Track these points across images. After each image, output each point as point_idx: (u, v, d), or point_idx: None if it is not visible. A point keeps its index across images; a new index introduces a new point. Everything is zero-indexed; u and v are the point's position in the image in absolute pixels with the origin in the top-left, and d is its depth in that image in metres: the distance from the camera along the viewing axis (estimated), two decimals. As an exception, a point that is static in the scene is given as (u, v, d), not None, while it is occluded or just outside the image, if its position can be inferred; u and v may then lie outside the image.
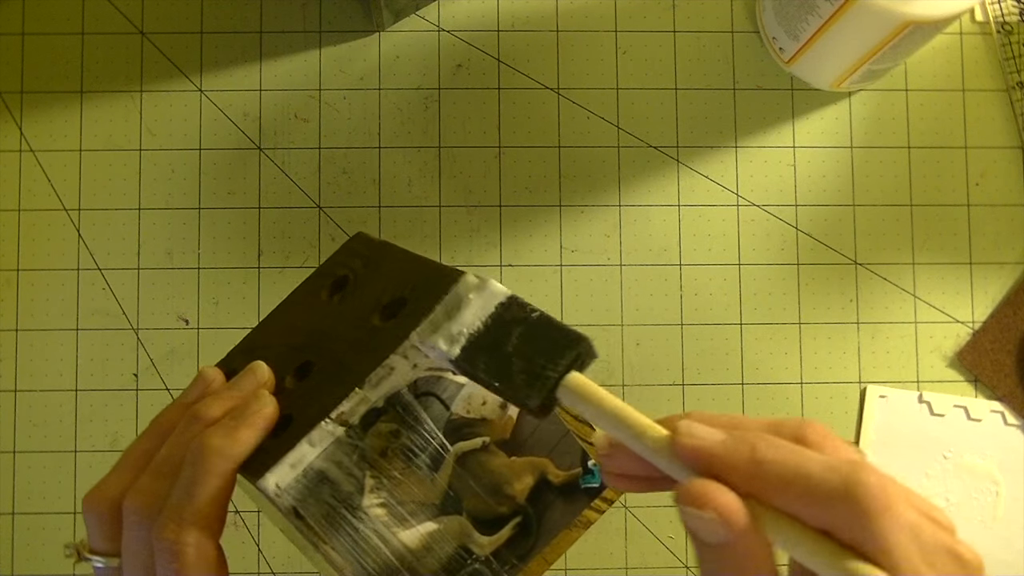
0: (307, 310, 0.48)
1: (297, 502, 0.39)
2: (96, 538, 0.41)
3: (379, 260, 0.47)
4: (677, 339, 0.67)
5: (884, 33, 0.59)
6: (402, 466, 0.41)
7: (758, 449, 0.32)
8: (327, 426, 0.38)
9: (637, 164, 0.68)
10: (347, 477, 0.40)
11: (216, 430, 0.40)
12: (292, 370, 0.43)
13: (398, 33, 0.68)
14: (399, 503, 0.41)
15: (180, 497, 0.39)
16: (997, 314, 0.67)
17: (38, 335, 0.66)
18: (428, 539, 0.42)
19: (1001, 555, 0.66)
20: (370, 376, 0.38)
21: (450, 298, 0.38)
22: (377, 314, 0.42)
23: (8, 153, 0.67)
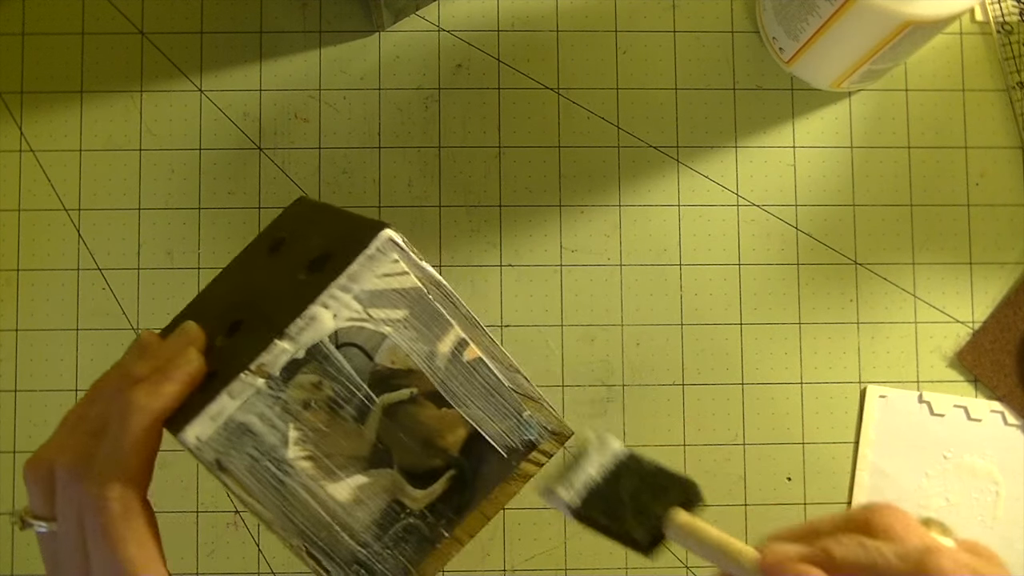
0: (246, 272, 0.48)
1: (219, 455, 0.39)
2: (36, 503, 0.41)
3: (314, 220, 0.47)
4: (677, 339, 0.67)
5: (884, 33, 0.59)
6: (327, 418, 0.41)
7: (832, 552, 0.35)
8: (247, 378, 0.38)
9: (637, 164, 0.68)
10: (270, 429, 0.40)
11: (141, 386, 0.40)
12: (225, 328, 0.43)
13: (398, 33, 0.68)
14: (326, 456, 0.41)
15: (105, 452, 0.39)
16: (997, 314, 0.67)
17: (38, 335, 0.66)
18: (358, 492, 0.42)
19: (1001, 555, 0.66)
20: (290, 326, 0.39)
21: (576, 454, 0.42)
22: (304, 269, 0.42)
23: (8, 153, 0.67)
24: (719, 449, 0.66)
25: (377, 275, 0.40)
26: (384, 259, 0.40)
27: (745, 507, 0.66)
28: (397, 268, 0.40)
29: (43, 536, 0.42)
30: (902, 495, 0.66)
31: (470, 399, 0.43)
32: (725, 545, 0.39)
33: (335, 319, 0.39)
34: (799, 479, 0.66)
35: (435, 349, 0.42)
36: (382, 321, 0.40)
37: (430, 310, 0.41)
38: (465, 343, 0.42)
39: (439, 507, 0.44)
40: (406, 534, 0.43)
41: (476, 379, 0.43)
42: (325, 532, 0.41)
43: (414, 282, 0.41)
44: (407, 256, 0.40)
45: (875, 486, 0.66)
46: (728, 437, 0.67)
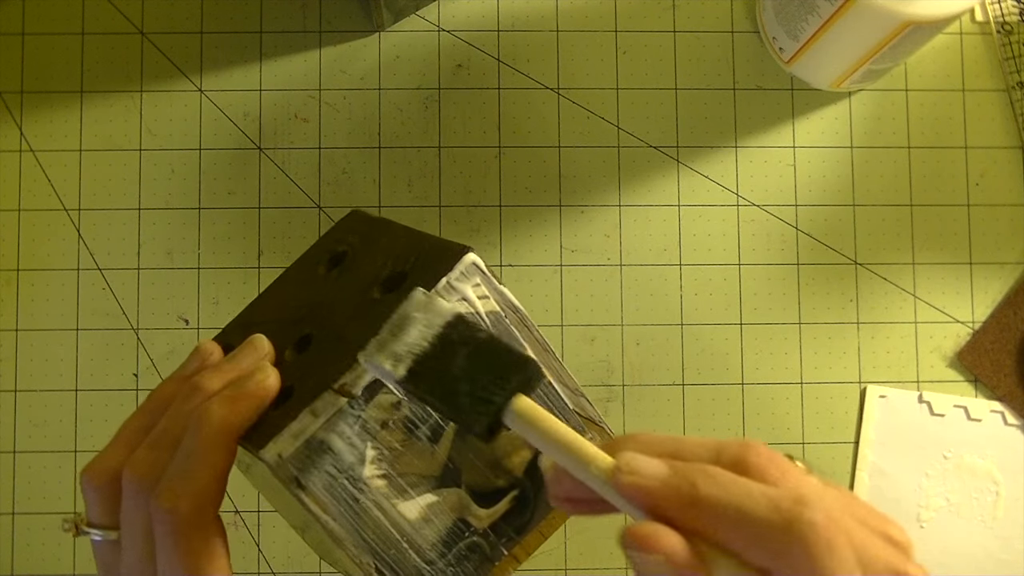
0: (304, 285, 0.47)
1: (299, 472, 0.39)
2: (94, 511, 0.41)
3: (377, 236, 0.47)
4: (677, 339, 0.67)
5: (884, 33, 0.59)
6: (403, 438, 0.41)
7: (698, 486, 0.31)
8: (330, 397, 0.38)
9: (637, 164, 0.68)
10: (349, 448, 0.40)
11: (217, 400, 0.39)
12: (291, 344, 0.43)
13: (398, 33, 0.68)
14: (399, 475, 0.41)
15: (180, 466, 0.39)
16: (997, 314, 0.67)
17: (38, 335, 0.66)
18: (427, 511, 0.42)
19: (1001, 555, 0.66)
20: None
21: (396, 316, 0.37)
22: (377, 287, 0.42)
23: (8, 153, 0.67)
24: (719, 449, 0.66)
25: (458, 298, 0.39)
26: (467, 283, 0.40)
27: (745, 507, 0.66)
28: (479, 292, 0.40)
29: (99, 545, 0.41)
30: (902, 495, 0.66)
31: None
32: (573, 444, 0.34)
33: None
34: (799, 479, 0.66)
35: None
36: None
37: (506, 334, 0.41)
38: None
39: (501, 526, 0.44)
40: (469, 552, 0.43)
41: (544, 401, 0.43)
42: (394, 550, 0.41)
43: (493, 306, 0.40)
44: (488, 280, 0.40)
45: (875, 486, 0.66)
46: (728, 437, 0.67)
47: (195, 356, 0.44)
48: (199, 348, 0.44)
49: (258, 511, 0.65)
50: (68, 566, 0.65)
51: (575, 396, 0.44)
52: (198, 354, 0.44)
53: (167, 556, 0.38)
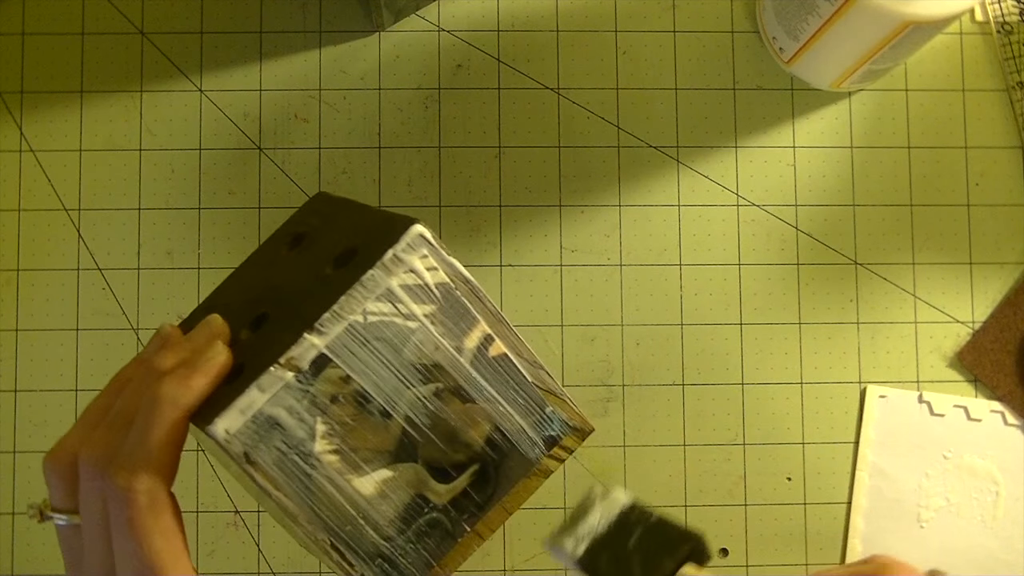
0: (266, 267, 0.48)
1: (248, 448, 0.39)
2: (56, 496, 0.41)
3: (336, 215, 0.47)
4: (677, 339, 0.67)
5: (884, 33, 0.59)
6: (354, 412, 0.41)
7: None
8: (276, 371, 0.38)
9: (637, 164, 0.68)
10: (298, 423, 0.40)
11: (168, 379, 0.40)
12: (247, 323, 0.43)
13: (398, 33, 0.68)
14: (352, 450, 0.41)
15: (132, 444, 0.39)
16: (997, 314, 0.67)
17: (38, 335, 0.66)
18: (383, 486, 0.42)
19: (1001, 555, 0.66)
20: (319, 320, 0.39)
21: (578, 507, 0.41)
22: (330, 264, 0.42)
23: (8, 153, 0.67)
24: (719, 449, 0.66)
25: (405, 270, 0.40)
26: (414, 254, 0.40)
27: (745, 507, 0.66)
28: (426, 263, 0.40)
29: (63, 529, 0.41)
30: (902, 495, 0.66)
31: (494, 394, 0.43)
32: None
33: (364, 314, 0.39)
34: (799, 479, 0.66)
35: (461, 344, 0.42)
36: (410, 316, 0.40)
37: (457, 306, 0.41)
38: (491, 339, 0.43)
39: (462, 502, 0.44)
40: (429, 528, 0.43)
41: (500, 374, 0.43)
42: (350, 526, 0.41)
43: (443, 278, 0.41)
44: (436, 252, 0.40)
45: (875, 486, 0.66)
46: (728, 437, 0.67)
47: (155, 339, 0.44)
48: (159, 331, 0.44)
49: (258, 511, 0.65)
50: (68, 566, 0.65)
51: (533, 368, 0.44)
52: (158, 337, 0.44)
53: (121, 534, 0.38)
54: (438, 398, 0.43)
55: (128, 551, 0.38)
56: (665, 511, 0.41)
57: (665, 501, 0.66)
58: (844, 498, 0.66)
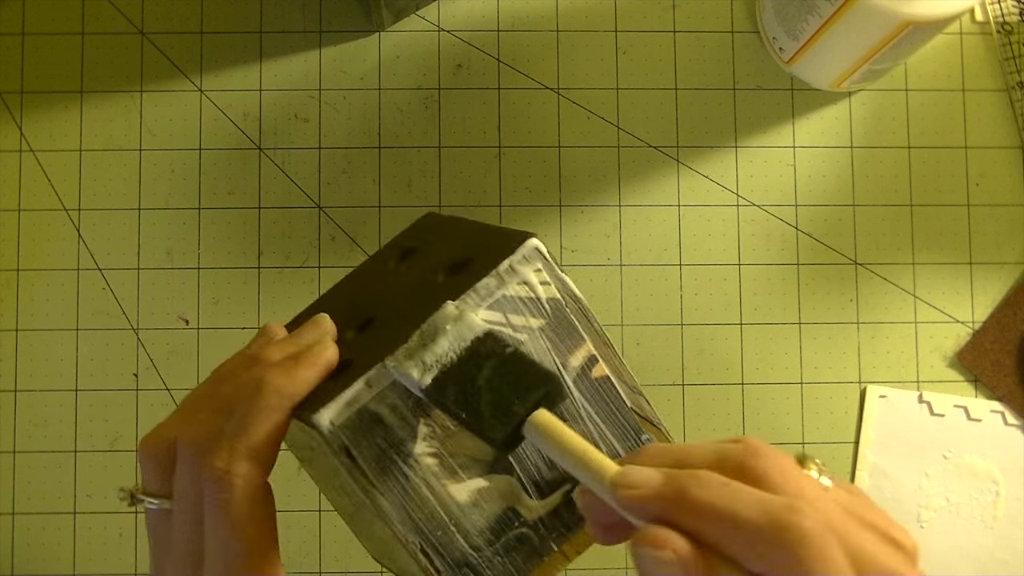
0: (373, 278, 0.49)
1: (350, 441, 0.39)
2: (150, 480, 0.41)
3: (447, 231, 0.48)
4: (677, 339, 0.67)
5: (884, 33, 0.59)
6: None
7: (688, 492, 0.31)
8: (385, 368, 0.39)
9: (637, 164, 0.68)
10: (401, 422, 0.40)
11: (275, 368, 0.40)
12: (355, 326, 0.44)
13: (398, 33, 0.68)
14: (450, 455, 0.41)
15: (234, 429, 0.39)
16: (997, 314, 0.67)
17: (38, 335, 0.66)
18: (477, 495, 0.42)
19: (1001, 555, 0.66)
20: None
21: (427, 327, 0.39)
22: (442, 272, 0.43)
23: (8, 153, 0.67)
24: (719, 449, 0.66)
25: (519, 282, 0.40)
26: (528, 267, 0.41)
27: (745, 507, 0.66)
28: (540, 277, 0.41)
29: (152, 514, 0.41)
30: (902, 495, 0.66)
31: (593, 416, 0.43)
32: (585, 456, 0.35)
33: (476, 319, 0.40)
34: (799, 479, 0.66)
35: (566, 362, 0.42)
36: (520, 328, 0.41)
37: (566, 323, 0.42)
38: (595, 360, 0.43)
39: (552, 520, 0.44)
40: (517, 543, 0.43)
41: (601, 397, 0.43)
42: (440, 531, 0.41)
43: (554, 293, 0.41)
44: (550, 267, 0.41)
45: (875, 486, 0.66)
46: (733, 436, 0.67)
47: (260, 335, 0.45)
48: (265, 328, 0.45)
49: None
50: (68, 566, 0.65)
51: (633, 394, 0.44)
52: (264, 333, 0.45)
53: (216, 518, 0.38)
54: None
55: (220, 536, 0.38)
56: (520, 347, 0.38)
57: (665, 501, 0.66)
58: (844, 498, 0.66)
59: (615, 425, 0.44)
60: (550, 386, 0.37)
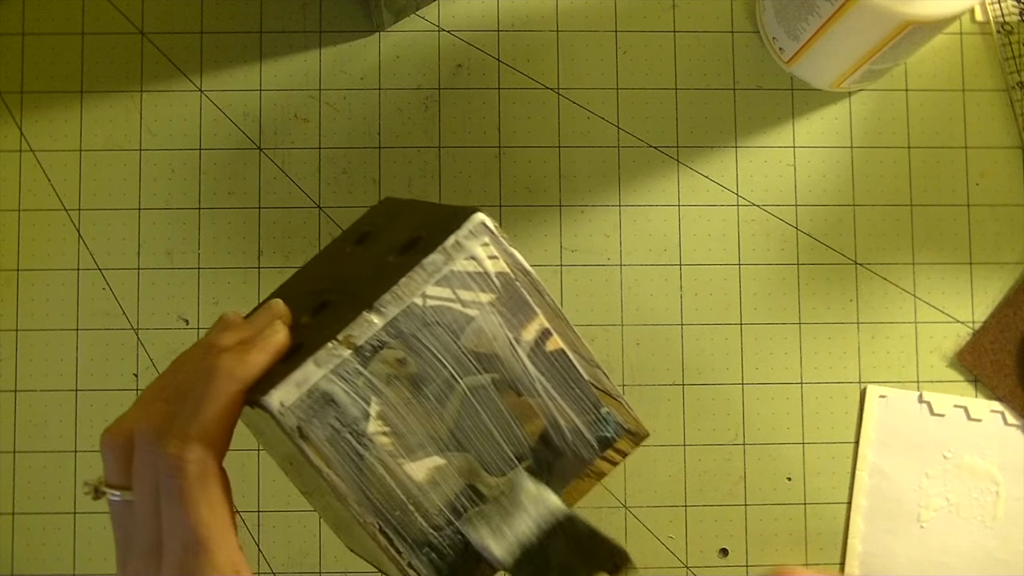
0: (330, 263, 0.49)
1: (302, 422, 0.39)
2: (112, 472, 0.41)
3: (401, 213, 0.48)
4: (677, 339, 0.67)
5: (884, 33, 0.59)
6: (408, 396, 0.41)
7: None
8: (333, 347, 0.39)
9: (637, 164, 0.68)
10: (353, 401, 0.40)
11: (227, 353, 0.41)
12: (309, 310, 0.44)
13: (398, 33, 0.68)
14: (405, 434, 0.41)
15: (186, 415, 0.39)
16: (997, 314, 0.67)
17: (38, 335, 0.66)
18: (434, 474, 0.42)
19: (1001, 555, 0.66)
20: (379, 300, 0.39)
21: (512, 495, 0.40)
22: (394, 253, 0.43)
23: (8, 153, 0.67)
24: (719, 449, 0.66)
25: (466, 256, 0.41)
26: (475, 241, 0.41)
27: (745, 507, 0.66)
28: (487, 252, 0.41)
29: (115, 506, 0.41)
30: (902, 495, 0.66)
31: (549, 389, 0.43)
32: None
33: (423, 297, 0.40)
34: (799, 479, 0.67)
35: (519, 336, 0.42)
36: (470, 303, 0.41)
37: (517, 297, 0.42)
38: (548, 333, 0.43)
39: None
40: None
41: (557, 370, 0.43)
42: (399, 511, 0.41)
43: (503, 267, 0.41)
44: (497, 241, 0.41)
45: (875, 486, 0.66)
46: (728, 437, 0.67)
47: (217, 323, 0.45)
48: (221, 316, 0.45)
49: (258, 511, 0.65)
50: (68, 566, 0.65)
51: (590, 367, 0.44)
52: (220, 321, 0.45)
53: (172, 505, 0.38)
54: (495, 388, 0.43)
55: (176, 521, 0.39)
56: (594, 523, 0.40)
57: (665, 501, 0.66)
58: (844, 498, 0.66)
59: (572, 399, 0.44)
60: (615, 556, 0.38)
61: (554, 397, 0.43)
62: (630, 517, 0.66)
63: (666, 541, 0.66)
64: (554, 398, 0.43)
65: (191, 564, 0.38)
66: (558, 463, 0.44)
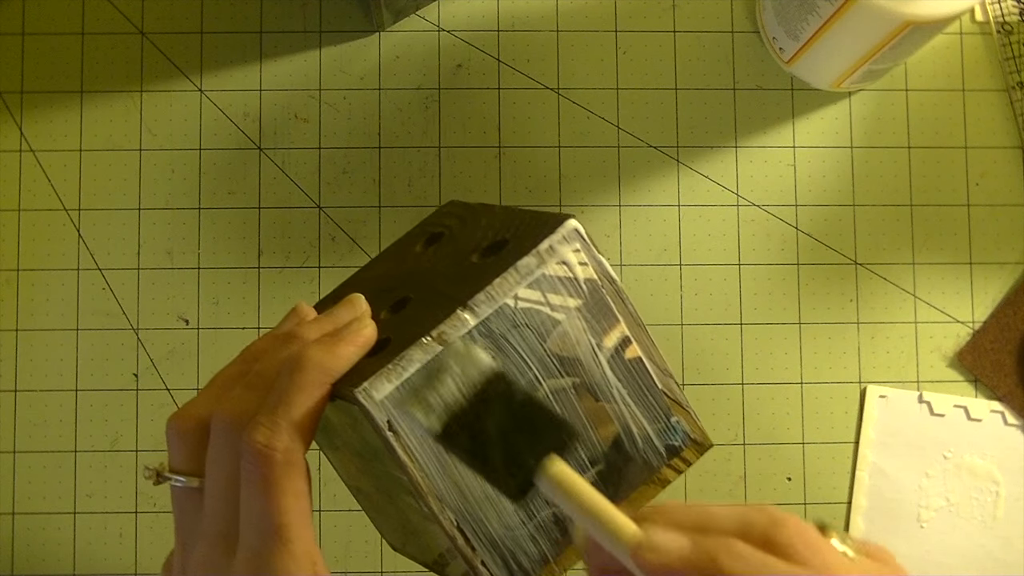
0: (400, 262, 0.50)
1: (392, 416, 0.39)
2: (177, 458, 0.41)
3: (477, 216, 0.49)
4: (677, 339, 0.67)
5: (884, 33, 0.59)
6: None
7: (721, 564, 0.31)
8: (428, 343, 0.39)
9: (637, 164, 0.68)
10: (438, 397, 0.40)
11: (316, 344, 0.40)
12: (387, 307, 0.44)
13: (398, 33, 0.68)
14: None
15: (275, 403, 0.39)
16: (997, 314, 0.67)
17: (38, 335, 0.66)
18: None
19: (1001, 555, 0.66)
20: (472, 300, 0.40)
21: (432, 362, 0.39)
22: (477, 254, 0.44)
23: (8, 153, 0.67)
24: (719, 449, 0.66)
25: (558, 261, 0.41)
26: (567, 247, 0.41)
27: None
28: (578, 258, 0.42)
29: (179, 492, 0.41)
30: (902, 495, 0.66)
31: (625, 396, 0.44)
32: (602, 514, 0.34)
33: (515, 299, 0.40)
34: (799, 479, 0.67)
35: (601, 342, 0.43)
36: (557, 307, 0.41)
37: (602, 303, 0.42)
38: (628, 341, 0.43)
39: None
40: (551, 524, 0.43)
41: (633, 378, 0.44)
42: (476, 509, 0.41)
43: (591, 274, 0.42)
44: (588, 248, 0.42)
45: (875, 486, 0.66)
46: (728, 437, 0.67)
47: (292, 315, 0.45)
48: (296, 308, 0.45)
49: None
50: (68, 566, 0.65)
51: (664, 376, 0.44)
52: (295, 313, 0.45)
53: (254, 492, 0.38)
54: (575, 392, 0.43)
55: (257, 510, 0.38)
56: (529, 390, 0.38)
57: (665, 501, 0.66)
58: (844, 498, 0.66)
59: (646, 407, 0.44)
60: (562, 433, 0.37)
61: (629, 404, 0.44)
62: None
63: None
64: (629, 405, 0.44)
65: (268, 554, 0.38)
66: (627, 469, 0.44)
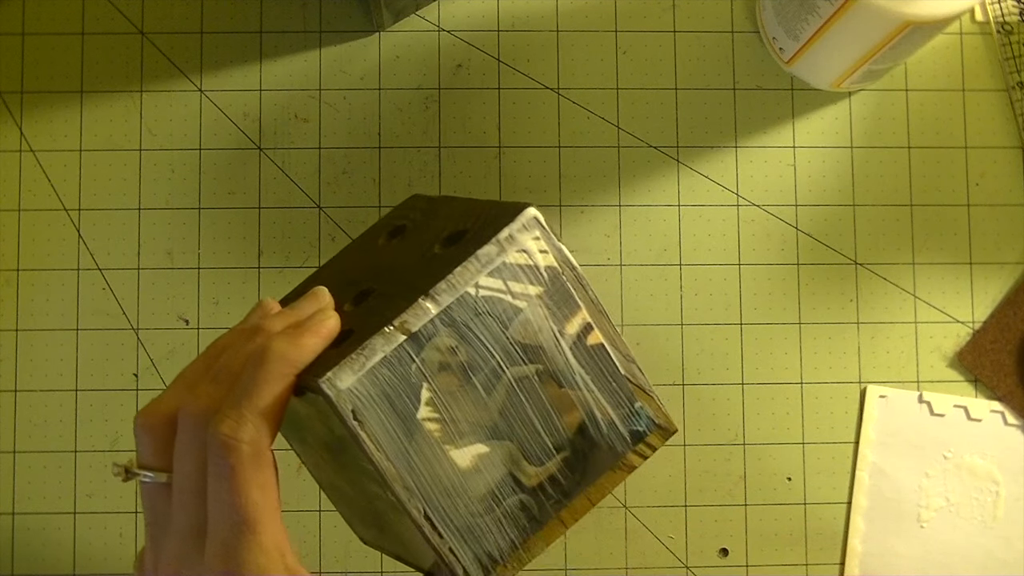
0: (363, 254, 0.50)
1: (356, 405, 0.40)
2: (146, 453, 0.41)
3: (438, 208, 0.49)
4: (677, 339, 0.67)
5: (884, 33, 0.59)
6: (459, 383, 0.42)
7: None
8: (390, 332, 0.40)
9: (637, 164, 0.68)
10: (404, 388, 0.41)
11: (279, 336, 0.41)
12: (350, 299, 0.45)
13: (398, 33, 0.68)
14: (453, 420, 0.42)
15: (240, 395, 0.39)
16: (997, 314, 0.67)
17: (38, 335, 0.66)
18: (478, 461, 0.42)
19: (1001, 555, 0.66)
20: (434, 289, 0.40)
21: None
22: (438, 244, 0.44)
23: (8, 153, 0.67)
24: (719, 449, 0.66)
25: (518, 249, 0.42)
26: (527, 235, 0.42)
27: (745, 507, 0.66)
28: (538, 246, 0.42)
29: (148, 488, 0.41)
30: (902, 495, 0.66)
31: (588, 383, 0.44)
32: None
33: (476, 287, 0.41)
34: (799, 479, 0.67)
35: (563, 329, 0.43)
36: (519, 295, 0.42)
37: (562, 290, 0.43)
38: (590, 327, 0.44)
39: (549, 487, 0.44)
40: (517, 510, 0.43)
41: (596, 364, 0.44)
42: (443, 497, 0.42)
43: (551, 261, 0.43)
44: (547, 235, 0.42)
45: (875, 486, 0.66)
46: (728, 437, 0.67)
47: (256, 309, 0.45)
48: (261, 302, 0.46)
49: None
50: (68, 566, 0.65)
51: (627, 362, 0.45)
52: (260, 307, 0.45)
53: (221, 484, 0.38)
54: (538, 379, 0.43)
55: (225, 502, 0.38)
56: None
57: (665, 501, 0.66)
58: (844, 498, 0.66)
59: (609, 392, 0.44)
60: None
61: (592, 390, 0.44)
62: (630, 517, 0.66)
63: (666, 541, 0.66)
64: (592, 391, 0.44)
65: (237, 544, 0.38)
66: (593, 455, 0.45)
